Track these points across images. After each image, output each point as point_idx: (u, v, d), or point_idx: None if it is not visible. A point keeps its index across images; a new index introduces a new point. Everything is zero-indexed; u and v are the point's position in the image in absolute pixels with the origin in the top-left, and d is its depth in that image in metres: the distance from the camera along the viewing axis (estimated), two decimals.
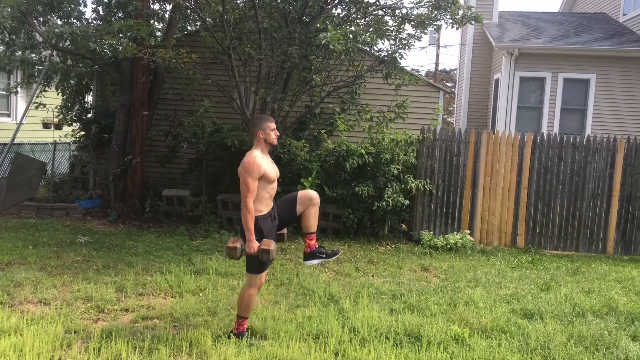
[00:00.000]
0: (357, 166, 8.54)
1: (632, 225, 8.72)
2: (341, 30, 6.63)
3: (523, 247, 8.79)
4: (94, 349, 4.17)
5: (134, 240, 8.02)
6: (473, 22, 7.92)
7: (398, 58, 7.94)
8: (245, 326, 4.49)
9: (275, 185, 4.44)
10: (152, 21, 9.96)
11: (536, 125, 13.73)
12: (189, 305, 5.22)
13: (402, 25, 7.86)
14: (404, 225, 9.34)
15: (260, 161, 4.26)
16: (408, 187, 8.55)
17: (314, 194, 4.47)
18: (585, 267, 7.65)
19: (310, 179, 8.34)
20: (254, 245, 4.20)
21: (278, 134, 4.51)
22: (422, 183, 8.69)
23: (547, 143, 8.80)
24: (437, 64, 27.38)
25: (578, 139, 8.83)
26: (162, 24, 10.73)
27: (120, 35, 9.20)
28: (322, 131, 9.19)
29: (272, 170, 4.38)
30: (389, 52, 8.00)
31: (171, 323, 4.82)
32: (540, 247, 8.80)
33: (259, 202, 4.28)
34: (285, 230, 4.75)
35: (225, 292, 5.72)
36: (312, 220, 4.47)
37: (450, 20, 7.84)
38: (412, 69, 11.30)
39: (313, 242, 4.51)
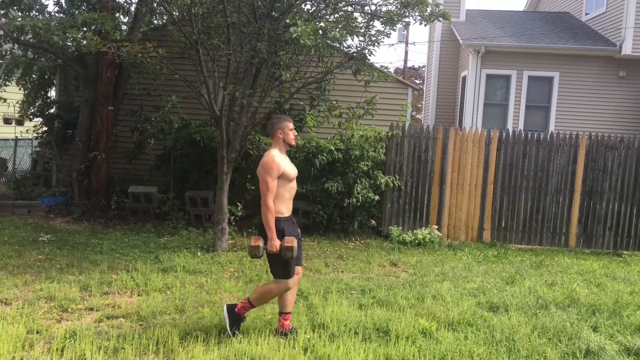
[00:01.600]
0: (327, 162, 8.56)
1: (593, 220, 8.97)
2: (311, 26, 6.60)
3: (489, 241, 8.96)
4: (57, 349, 4.07)
5: (99, 238, 7.86)
6: (441, 19, 7.99)
7: (367, 54, 7.95)
8: (289, 322, 4.54)
9: (294, 184, 4.47)
10: (117, 14, 9.73)
11: (502, 122, 14.00)
12: (155, 303, 5.15)
13: (371, 22, 7.87)
14: (373, 221, 9.41)
15: (279, 160, 4.30)
16: (377, 183, 8.61)
17: (299, 274, 4.55)
18: (548, 261, 7.84)
19: None
20: (276, 243, 4.21)
21: (296, 134, 4.56)
22: (391, 179, 8.76)
23: (513, 139, 8.98)
24: (405, 61, 27.65)
25: (542, 136, 9.03)
26: (127, 18, 10.49)
27: (85, 28, 8.97)
28: None
29: (291, 169, 4.42)
30: (359, 48, 8.01)
31: (137, 322, 4.74)
32: (506, 242, 8.98)
33: (280, 202, 4.32)
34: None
35: (193, 289, 5.66)
36: (290, 297, 4.48)
37: (419, 17, 7.89)
38: (382, 66, 11.32)
39: (287, 322, 4.51)
